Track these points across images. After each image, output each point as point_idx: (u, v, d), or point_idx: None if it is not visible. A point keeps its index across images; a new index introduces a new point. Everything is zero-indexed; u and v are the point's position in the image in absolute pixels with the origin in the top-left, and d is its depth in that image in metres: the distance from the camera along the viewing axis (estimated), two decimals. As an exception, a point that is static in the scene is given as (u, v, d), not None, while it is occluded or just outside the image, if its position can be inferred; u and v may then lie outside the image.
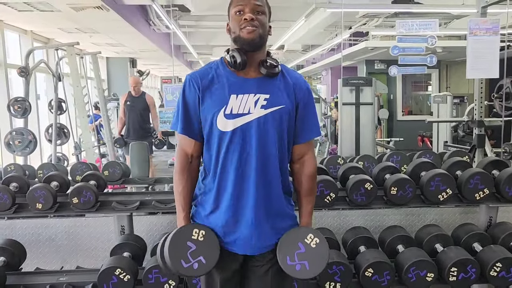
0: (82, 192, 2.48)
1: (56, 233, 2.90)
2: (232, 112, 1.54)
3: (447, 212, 2.94)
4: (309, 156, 1.67)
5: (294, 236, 1.56)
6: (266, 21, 1.58)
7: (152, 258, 2.37)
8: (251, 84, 1.57)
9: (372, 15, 6.74)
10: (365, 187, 2.45)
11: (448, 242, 2.46)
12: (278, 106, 1.56)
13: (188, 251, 1.52)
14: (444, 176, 2.44)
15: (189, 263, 1.51)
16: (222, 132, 1.54)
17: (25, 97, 5.27)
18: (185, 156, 1.62)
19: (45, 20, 6.04)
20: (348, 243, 2.53)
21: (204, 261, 1.51)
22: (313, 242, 1.55)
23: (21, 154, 5.23)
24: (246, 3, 1.55)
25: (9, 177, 2.70)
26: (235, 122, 1.54)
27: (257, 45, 1.57)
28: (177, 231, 1.56)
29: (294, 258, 1.53)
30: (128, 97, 5.93)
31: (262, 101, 1.55)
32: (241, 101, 1.54)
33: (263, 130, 1.54)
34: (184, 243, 1.52)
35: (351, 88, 5.86)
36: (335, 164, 3.09)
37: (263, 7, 1.57)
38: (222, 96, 1.55)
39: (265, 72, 1.56)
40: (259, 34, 1.55)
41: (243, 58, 1.55)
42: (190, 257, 1.51)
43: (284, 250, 1.55)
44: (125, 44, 8.71)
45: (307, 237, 1.55)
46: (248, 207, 1.56)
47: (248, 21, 1.53)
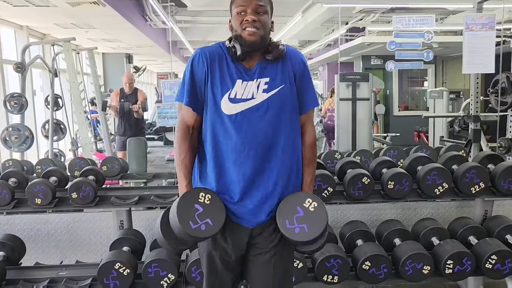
0: (81, 187, 2.49)
1: (56, 228, 2.91)
2: (237, 97, 1.57)
3: (443, 206, 2.97)
4: (309, 126, 1.71)
5: (293, 201, 1.60)
6: (268, 21, 1.60)
7: (151, 252, 2.39)
8: (252, 72, 1.60)
9: (369, 11, 6.75)
10: (362, 182, 2.48)
11: (444, 236, 2.49)
12: (278, 88, 1.59)
13: (196, 213, 1.54)
14: (441, 170, 2.46)
15: (197, 224, 1.53)
16: (225, 114, 1.57)
17: (22, 93, 5.26)
18: (187, 127, 1.64)
19: (41, 15, 6.01)
20: (346, 236, 2.56)
21: (211, 223, 1.54)
22: (311, 206, 1.58)
23: (17, 150, 5.22)
24: (248, 3, 1.56)
25: (8, 172, 2.71)
26: (240, 106, 1.57)
27: (258, 47, 1.58)
28: (184, 195, 1.59)
29: (293, 222, 1.56)
30: (121, 94, 5.85)
31: (263, 85, 1.58)
32: (246, 87, 1.58)
33: (267, 113, 1.57)
34: (191, 205, 1.54)
35: (348, 84, 5.88)
36: (332, 159, 3.11)
37: (265, 6, 1.58)
38: (229, 79, 1.58)
39: (272, 57, 1.59)
40: (261, 36, 1.57)
41: (243, 51, 1.57)
42: (198, 219, 1.53)
43: (283, 214, 1.58)
44: (121, 40, 8.68)
45: (306, 201, 1.58)
46: (252, 195, 1.59)
47: (250, 22, 1.55)
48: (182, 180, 1.64)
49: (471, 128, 4.12)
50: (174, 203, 1.58)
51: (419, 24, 3.44)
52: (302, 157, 1.69)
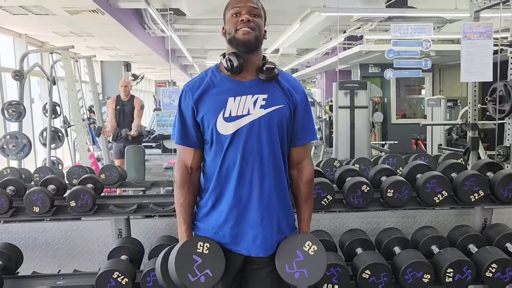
0: (80, 195, 2.48)
1: (53, 237, 2.89)
2: (231, 115, 1.54)
3: (442, 214, 2.96)
4: (307, 161, 1.68)
5: (292, 244, 1.57)
6: (262, 24, 1.60)
7: (150, 261, 2.37)
8: (248, 86, 1.58)
9: (367, 19, 6.79)
10: (361, 190, 2.47)
11: (444, 244, 2.48)
12: (277, 106, 1.57)
13: (195, 265, 1.52)
14: (440, 178, 2.46)
15: (196, 276, 1.51)
16: (223, 135, 1.55)
17: (20, 100, 5.25)
18: (185, 168, 1.63)
19: (40, 24, 6.03)
20: (345, 245, 2.54)
21: (211, 274, 1.52)
22: (311, 250, 1.56)
23: (15, 158, 5.20)
24: (243, 5, 1.57)
25: (5, 180, 2.69)
26: (235, 124, 1.54)
27: (253, 47, 1.57)
28: (182, 245, 1.56)
29: (292, 266, 1.54)
30: (117, 101, 5.82)
31: (260, 101, 1.55)
32: (239, 103, 1.55)
33: (264, 130, 1.55)
34: (190, 256, 1.53)
35: (346, 92, 5.91)
36: (331, 166, 3.11)
37: (259, 10, 1.59)
38: (220, 100, 1.56)
39: (264, 77, 1.57)
40: (255, 36, 1.56)
41: (240, 62, 1.55)
42: (197, 271, 1.51)
43: (283, 258, 1.55)
44: (120, 48, 8.70)
45: (305, 245, 1.56)
46: (252, 207, 1.57)
47: (245, 22, 1.54)
48: (181, 224, 1.63)
49: (469, 136, 4.13)
50: (173, 252, 1.57)
51: (417, 33, 3.46)
52: (299, 193, 1.68)
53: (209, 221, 1.64)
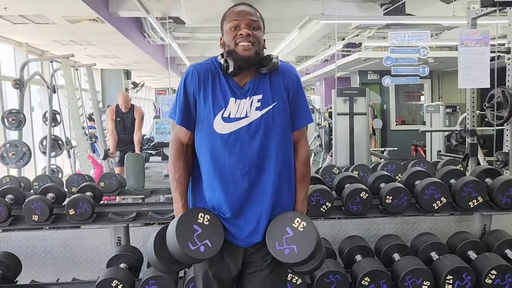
0: (78, 204, 2.48)
1: (52, 245, 2.88)
2: (230, 116, 1.54)
3: (442, 220, 2.96)
4: (302, 142, 1.67)
5: (282, 221, 1.57)
6: (261, 37, 1.57)
7: (148, 269, 2.37)
8: (244, 90, 1.57)
9: (365, 27, 6.83)
10: (360, 196, 2.48)
11: (443, 250, 2.48)
12: (271, 105, 1.56)
13: (195, 234, 1.51)
14: (438, 185, 2.47)
15: (196, 245, 1.50)
16: (220, 134, 1.54)
17: (20, 109, 5.26)
18: (181, 145, 1.61)
19: (41, 33, 6.06)
20: (345, 252, 2.54)
21: (210, 244, 1.52)
22: (301, 226, 1.55)
23: (15, 167, 5.20)
24: (241, 18, 1.53)
25: (5, 189, 2.69)
26: (233, 125, 1.54)
27: (253, 62, 1.55)
28: (184, 214, 1.55)
29: (282, 243, 1.54)
30: (117, 112, 5.83)
31: (255, 102, 1.56)
32: (239, 105, 1.55)
33: (261, 131, 1.55)
34: (190, 226, 1.51)
35: (345, 99, 5.92)
36: (330, 173, 3.11)
37: (258, 22, 1.56)
38: (223, 98, 1.55)
39: (266, 70, 1.56)
40: (255, 51, 1.54)
41: (235, 68, 1.53)
42: (197, 240, 1.51)
43: (273, 236, 1.55)
44: (120, 56, 8.74)
45: (295, 221, 1.56)
46: (250, 207, 1.57)
47: (244, 36, 1.52)
48: (177, 200, 1.61)
49: (468, 142, 4.14)
50: (172, 222, 1.55)
51: (414, 40, 3.48)
52: (295, 174, 1.66)
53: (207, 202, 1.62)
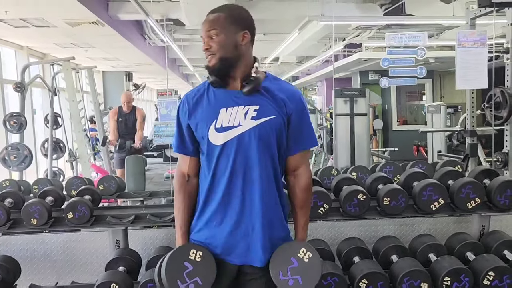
0: (77, 207, 2.49)
1: (51, 249, 2.89)
2: (223, 125, 1.55)
3: (440, 221, 2.95)
4: (304, 168, 1.65)
5: (287, 251, 1.56)
6: (226, 40, 1.54)
7: (147, 272, 2.38)
8: (240, 97, 1.57)
9: (365, 27, 6.83)
10: (358, 198, 2.48)
11: (442, 252, 2.47)
12: (268, 117, 1.55)
13: (185, 271, 1.53)
14: (436, 186, 2.46)
15: (185, 283, 1.52)
16: (214, 145, 1.56)
17: (21, 112, 5.29)
18: (182, 175, 1.66)
19: (41, 36, 6.09)
20: (343, 254, 2.54)
21: (200, 282, 1.52)
22: (306, 257, 1.55)
23: (16, 169, 5.23)
24: (202, 31, 1.57)
25: (4, 192, 2.71)
26: (226, 135, 1.55)
27: (222, 69, 1.56)
28: (175, 251, 1.57)
29: (287, 273, 1.53)
30: (119, 113, 5.86)
31: (252, 112, 1.55)
32: (231, 114, 1.55)
33: (254, 141, 1.54)
34: (181, 263, 1.53)
35: (345, 99, 5.92)
36: (329, 175, 3.11)
37: (217, 29, 1.53)
38: (212, 111, 1.57)
39: (246, 90, 1.55)
40: (219, 58, 1.54)
41: (216, 80, 1.57)
42: (187, 278, 1.52)
43: (277, 265, 1.54)
44: (121, 58, 8.76)
45: (300, 252, 1.55)
46: (244, 218, 1.57)
47: (204, 50, 1.56)
48: (178, 230, 1.65)
49: (468, 143, 4.13)
50: (165, 257, 1.58)
51: (411, 41, 3.48)
52: (295, 199, 1.66)
53: (202, 232, 1.64)
